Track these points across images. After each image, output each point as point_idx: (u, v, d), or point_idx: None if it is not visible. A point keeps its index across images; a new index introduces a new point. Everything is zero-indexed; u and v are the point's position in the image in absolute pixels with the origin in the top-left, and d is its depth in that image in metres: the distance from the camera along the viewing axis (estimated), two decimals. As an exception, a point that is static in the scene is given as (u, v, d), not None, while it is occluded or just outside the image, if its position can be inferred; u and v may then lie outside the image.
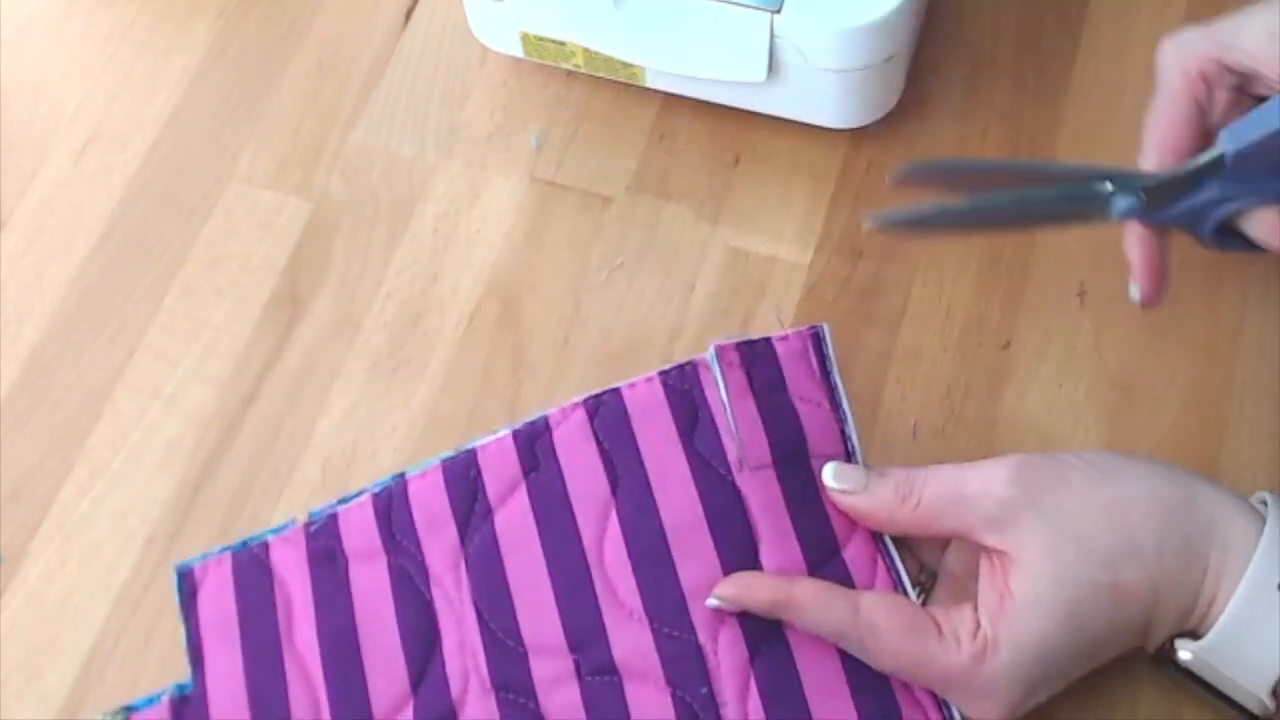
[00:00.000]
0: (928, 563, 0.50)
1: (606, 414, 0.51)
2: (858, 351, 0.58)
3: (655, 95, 0.64)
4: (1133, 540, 0.44)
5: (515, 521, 0.50)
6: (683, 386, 0.51)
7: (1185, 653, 0.46)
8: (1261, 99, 0.52)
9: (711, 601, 0.47)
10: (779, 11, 0.56)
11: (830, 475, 0.49)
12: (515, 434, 0.51)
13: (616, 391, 0.51)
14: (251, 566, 0.52)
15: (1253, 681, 0.45)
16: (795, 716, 0.46)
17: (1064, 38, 0.65)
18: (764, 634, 0.47)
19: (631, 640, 0.48)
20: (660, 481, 0.49)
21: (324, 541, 0.52)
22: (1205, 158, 0.50)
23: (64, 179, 0.65)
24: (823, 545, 0.49)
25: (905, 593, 0.48)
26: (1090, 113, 0.63)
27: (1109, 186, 0.50)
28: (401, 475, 0.52)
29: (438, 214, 0.62)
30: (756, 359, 0.51)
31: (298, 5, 0.69)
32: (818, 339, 0.52)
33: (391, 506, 0.51)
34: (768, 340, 0.52)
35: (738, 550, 0.48)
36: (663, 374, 0.51)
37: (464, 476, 0.51)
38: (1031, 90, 0.64)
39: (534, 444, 0.51)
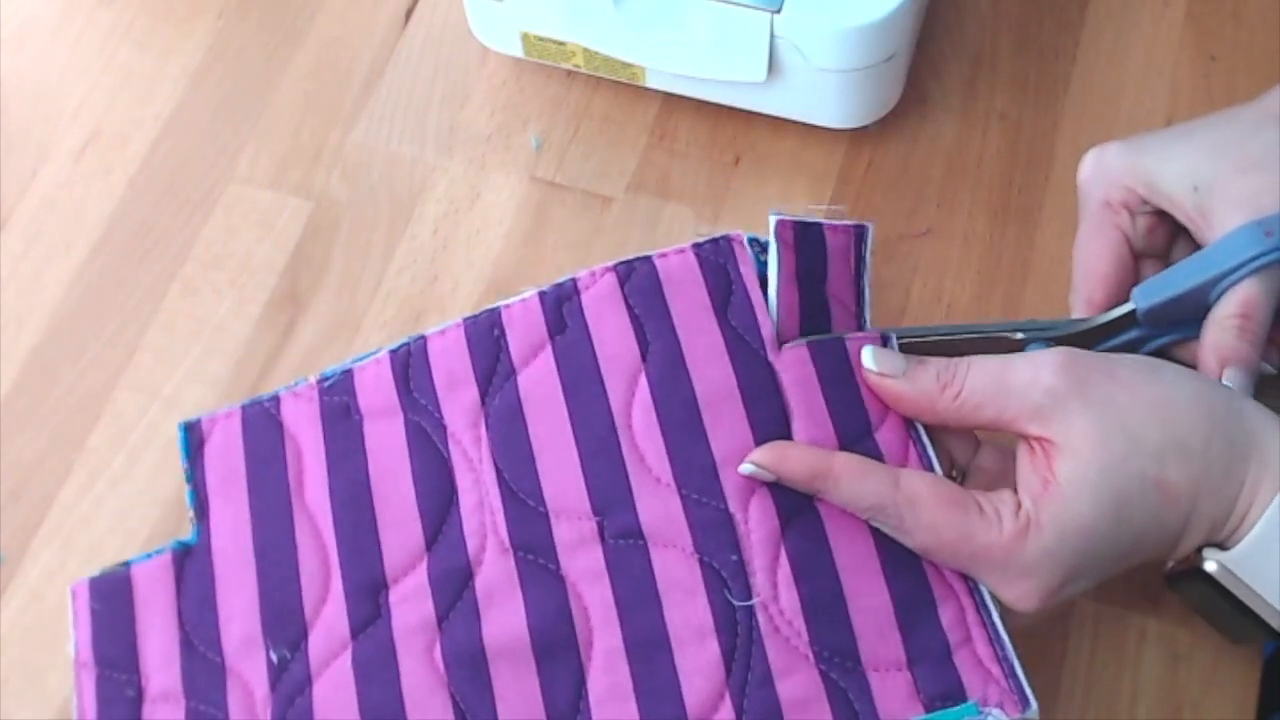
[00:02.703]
0: (958, 461, 0.49)
1: (638, 280, 0.50)
2: (858, 351, 0.58)
3: (655, 95, 0.64)
4: (1181, 439, 0.44)
5: (539, 382, 0.49)
6: (717, 260, 0.50)
7: (1212, 563, 0.45)
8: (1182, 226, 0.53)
9: (746, 468, 0.46)
10: (779, 11, 0.56)
11: (869, 358, 0.48)
12: (542, 295, 0.51)
13: (648, 259, 0.50)
14: (261, 420, 0.51)
15: (1276, 595, 0.45)
16: (826, 590, 0.45)
17: (1064, 38, 0.65)
18: (796, 506, 0.46)
19: (659, 506, 0.47)
20: (692, 350, 0.48)
21: (338, 397, 0.51)
22: (1117, 312, 0.51)
23: (64, 179, 0.65)
24: (856, 424, 0.48)
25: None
26: (1090, 113, 0.63)
27: (1019, 336, 0.51)
28: (421, 335, 0.51)
29: (438, 214, 0.62)
30: (807, 243, 0.50)
31: (298, 5, 0.69)
32: (860, 240, 0.51)
33: (410, 364, 0.51)
34: (820, 227, 0.51)
35: (770, 424, 0.47)
36: (695, 246, 0.50)
37: (487, 335, 0.50)
38: (1031, 90, 0.64)
39: (561, 306, 0.50)
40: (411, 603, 0.47)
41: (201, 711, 0.48)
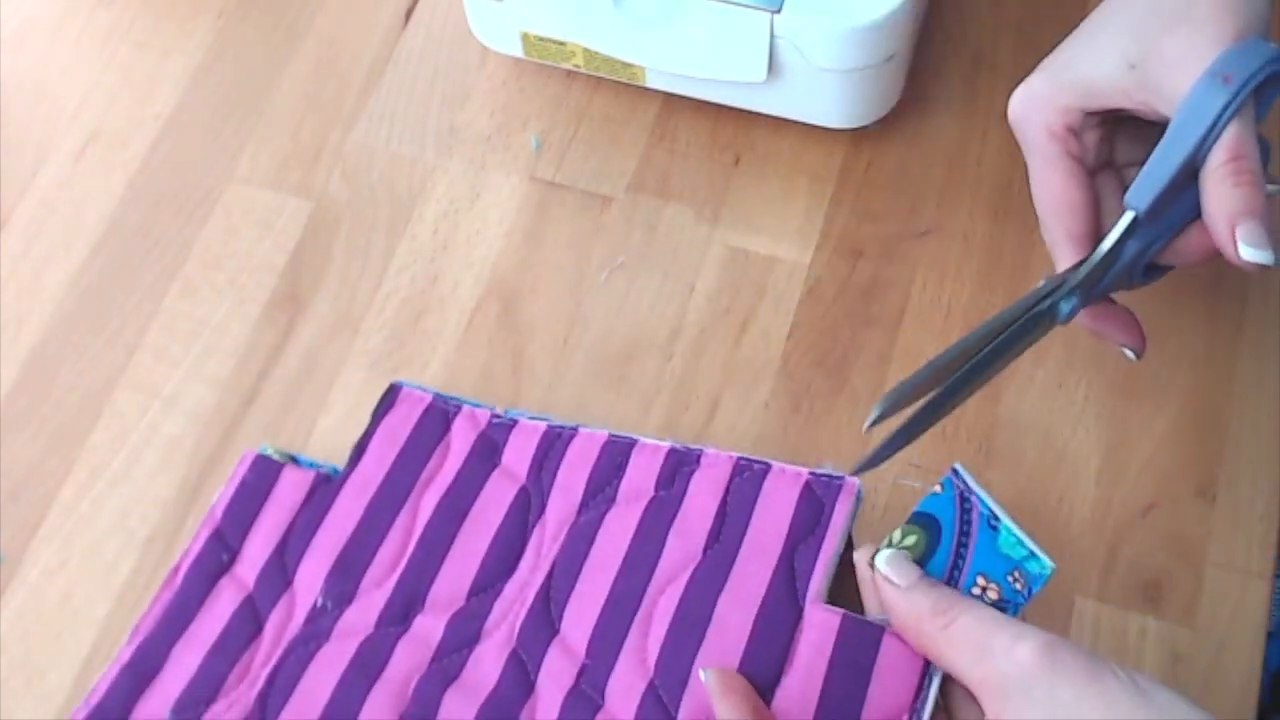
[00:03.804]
0: None
1: (746, 481, 0.51)
2: (858, 351, 0.58)
3: (655, 95, 0.64)
4: None
5: (622, 523, 0.51)
6: (820, 496, 0.50)
7: None
8: (1127, 116, 0.51)
9: (703, 673, 0.46)
10: (779, 11, 0.56)
11: (883, 559, 0.45)
12: (671, 451, 0.52)
13: (767, 467, 0.51)
14: (438, 417, 0.56)
15: None
16: None
17: (1064, 38, 0.65)
18: None
19: (629, 685, 0.47)
20: (743, 568, 0.49)
21: (495, 437, 0.55)
22: (1120, 229, 0.49)
23: (64, 179, 0.65)
24: None
25: None
26: (1090, 113, 0.63)
27: (1046, 303, 0.49)
28: (576, 427, 0.54)
29: (438, 214, 0.62)
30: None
31: (298, 5, 0.69)
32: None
33: (553, 446, 0.54)
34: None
35: (761, 669, 0.46)
36: (812, 474, 0.50)
37: (612, 461, 0.53)
38: (1031, 90, 0.64)
39: (679, 468, 0.52)
40: (427, 631, 0.51)
41: (254, 605, 0.53)
